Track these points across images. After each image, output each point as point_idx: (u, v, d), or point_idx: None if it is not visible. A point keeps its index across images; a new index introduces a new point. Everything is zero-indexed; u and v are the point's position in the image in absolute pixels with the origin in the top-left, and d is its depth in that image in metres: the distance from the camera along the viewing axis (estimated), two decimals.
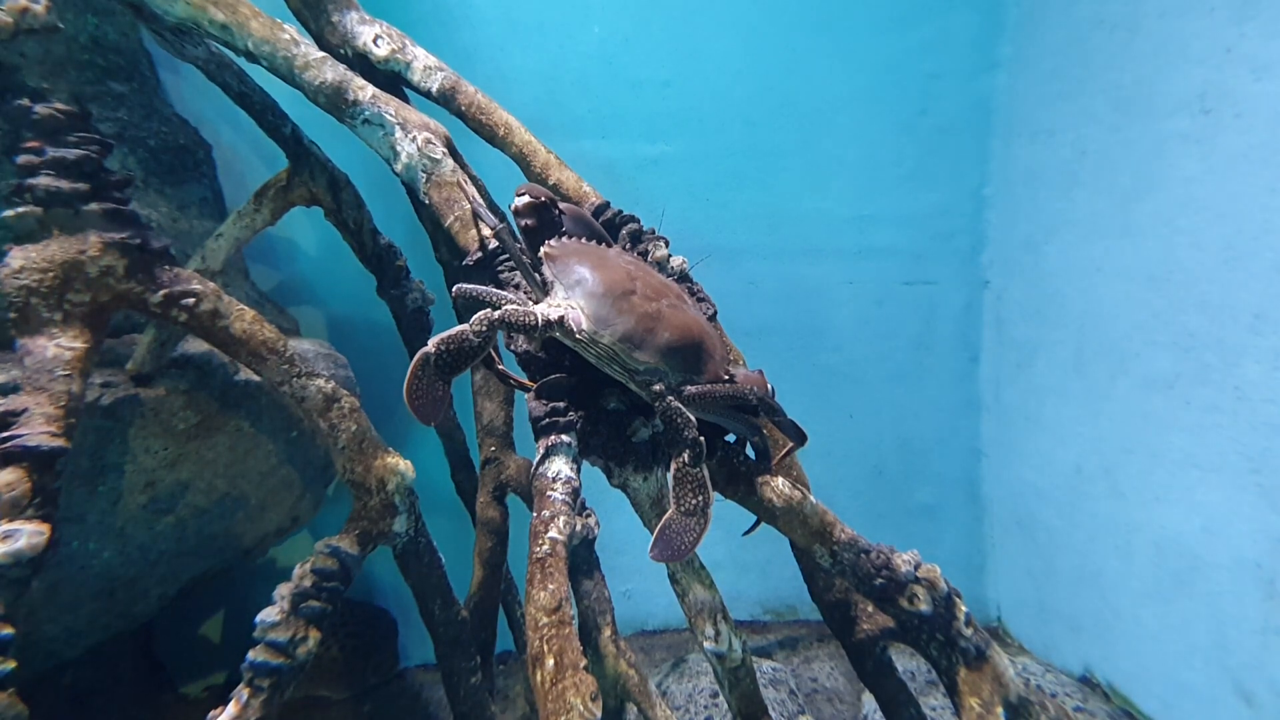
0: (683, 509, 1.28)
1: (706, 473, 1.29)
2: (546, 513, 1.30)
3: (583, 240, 1.53)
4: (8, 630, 1.29)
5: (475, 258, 1.68)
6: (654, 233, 1.78)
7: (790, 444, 1.56)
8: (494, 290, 1.38)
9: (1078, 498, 2.84)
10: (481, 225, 1.69)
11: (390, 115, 1.84)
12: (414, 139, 1.82)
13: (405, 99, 2.19)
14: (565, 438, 1.40)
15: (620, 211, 1.81)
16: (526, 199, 1.51)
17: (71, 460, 1.49)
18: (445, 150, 1.84)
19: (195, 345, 2.07)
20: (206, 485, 2.12)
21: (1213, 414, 2.19)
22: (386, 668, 2.97)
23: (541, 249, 1.44)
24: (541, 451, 1.40)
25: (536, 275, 1.45)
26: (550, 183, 1.98)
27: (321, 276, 3.15)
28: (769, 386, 1.46)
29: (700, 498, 1.27)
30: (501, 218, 1.68)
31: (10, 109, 1.56)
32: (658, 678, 2.90)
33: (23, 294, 1.47)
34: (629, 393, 1.44)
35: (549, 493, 1.33)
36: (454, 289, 1.38)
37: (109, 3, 2.28)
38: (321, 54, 1.92)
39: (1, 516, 1.33)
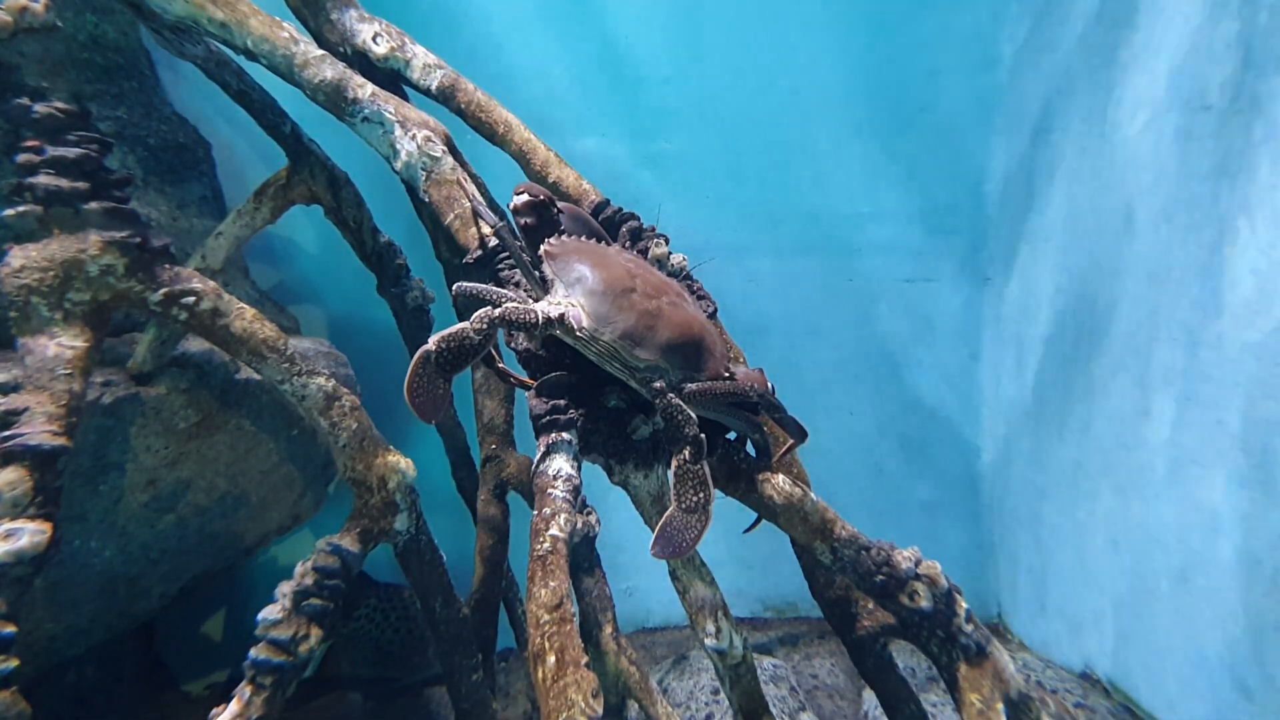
0: (684, 506, 1.28)
1: (707, 470, 1.29)
2: (547, 510, 1.30)
3: (582, 238, 1.52)
4: (10, 629, 1.30)
5: (475, 256, 1.68)
6: (653, 230, 1.78)
7: (791, 441, 1.56)
8: (494, 288, 1.38)
9: (1078, 494, 2.84)
10: (481, 223, 1.69)
11: (390, 113, 1.84)
12: (413, 137, 1.82)
13: (405, 97, 2.19)
14: (566, 435, 1.40)
15: (620, 209, 1.80)
16: (525, 197, 1.50)
17: (73, 459, 1.49)
18: (445, 148, 1.84)
19: (196, 344, 2.07)
20: (207, 484, 2.13)
21: (1213, 410, 2.19)
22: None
23: (541, 247, 1.44)
24: (542, 449, 1.40)
25: (536, 273, 1.45)
26: (550, 180, 1.97)
27: (321, 275, 3.15)
28: (769, 384, 1.45)
29: (701, 495, 1.27)
30: (501, 215, 1.68)
31: (10, 108, 1.56)
32: (659, 675, 2.91)
33: (23, 293, 1.47)
34: (629, 390, 1.44)
35: (550, 490, 1.33)
36: (454, 287, 1.38)
37: (108, 1, 2.28)
38: (320, 52, 1.91)
39: (3, 515, 1.33)
